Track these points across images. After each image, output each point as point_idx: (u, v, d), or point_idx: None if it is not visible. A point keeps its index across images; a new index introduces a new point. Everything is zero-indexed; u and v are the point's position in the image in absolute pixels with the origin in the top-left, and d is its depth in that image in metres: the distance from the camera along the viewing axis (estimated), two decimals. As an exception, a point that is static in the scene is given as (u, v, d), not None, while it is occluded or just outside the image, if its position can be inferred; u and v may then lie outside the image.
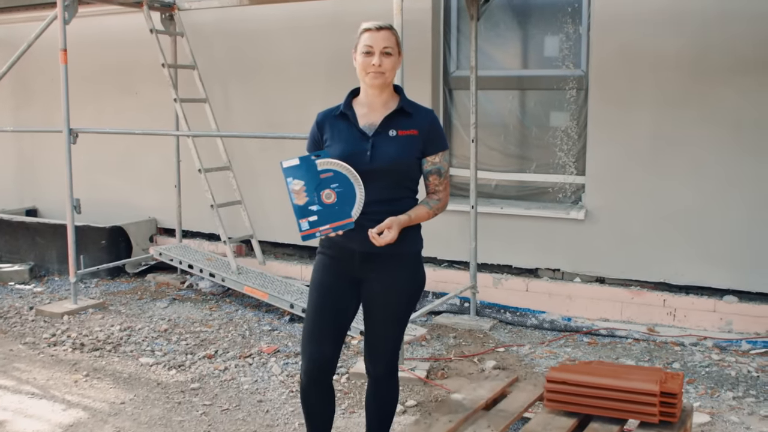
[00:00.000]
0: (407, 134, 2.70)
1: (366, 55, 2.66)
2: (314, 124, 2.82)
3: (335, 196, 2.60)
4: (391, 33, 2.70)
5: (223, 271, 5.75)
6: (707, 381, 4.12)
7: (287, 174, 2.61)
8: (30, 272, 6.68)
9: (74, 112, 7.23)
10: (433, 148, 2.74)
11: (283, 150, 6.13)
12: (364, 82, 2.73)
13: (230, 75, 6.49)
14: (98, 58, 7.12)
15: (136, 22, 6.22)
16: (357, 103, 2.78)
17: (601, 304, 5.22)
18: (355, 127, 2.71)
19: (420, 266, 2.82)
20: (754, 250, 4.86)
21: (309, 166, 2.61)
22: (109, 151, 7.17)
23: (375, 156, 2.65)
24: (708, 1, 4.78)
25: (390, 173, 2.67)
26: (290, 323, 5.26)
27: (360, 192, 2.62)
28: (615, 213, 5.21)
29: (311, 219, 2.60)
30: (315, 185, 2.60)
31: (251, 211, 6.21)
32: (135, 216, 7.05)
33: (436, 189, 2.78)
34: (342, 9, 5.82)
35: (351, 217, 2.60)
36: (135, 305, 5.72)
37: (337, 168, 2.61)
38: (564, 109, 5.45)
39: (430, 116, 2.78)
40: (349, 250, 2.71)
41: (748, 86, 4.75)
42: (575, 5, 5.31)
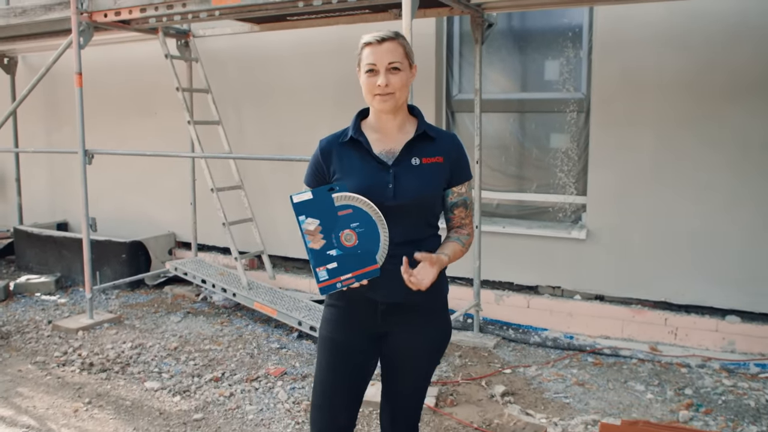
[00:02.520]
0: (432, 162, 1.90)
1: (370, 75, 1.87)
2: (316, 152, 1.99)
3: (356, 238, 1.81)
4: (397, 44, 1.87)
5: (234, 287, 4.95)
6: (726, 412, 3.32)
7: (299, 211, 1.81)
8: (56, 283, 5.87)
9: (99, 134, 6.45)
10: (459, 178, 1.95)
11: (293, 170, 5.34)
12: (371, 105, 1.93)
13: (242, 98, 5.70)
14: (123, 83, 6.33)
15: (156, 49, 5.43)
16: (366, 126, 1.97)
17: (602, 321, 4.42)
18: (371, 155, 1.90)
19: (447, 314, 2.02)
20: (757, 271, 4.06)
21: (324, 201, 1.81)
22: (132, 170, 6.37)
23: (399, 189, 1.86)
24: (711, 23, 3.99)
25: (415, 209, 1.88)
26: (298, 340, 4.46)
27: (384, 232, 1.82)
28: (616, 232, 4.42)
29: (330, 266, 1.81)
30: (332, 225, 1.80)
31: (262, 228, 5.41)
32: (155, 230, 6.24)
33: (462, 223, 1.99)
34: (348, 34, 5.01)
35: (376, 262, 1.81)
36: (150, 319, 4.90)
37: (357, 204, 1.81)
38: (564, 131, 4.65)
39: (455, 141, 1.97)
40: (370, 301, 1.91)
41: (750, 107, 3.96)
42: (576, 30, 4.52)
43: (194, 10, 4.15)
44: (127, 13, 4.37)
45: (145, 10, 4.29)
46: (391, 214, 1.82)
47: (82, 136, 4.62)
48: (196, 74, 5.56)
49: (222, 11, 4.21)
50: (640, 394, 3.58)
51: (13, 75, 6.90)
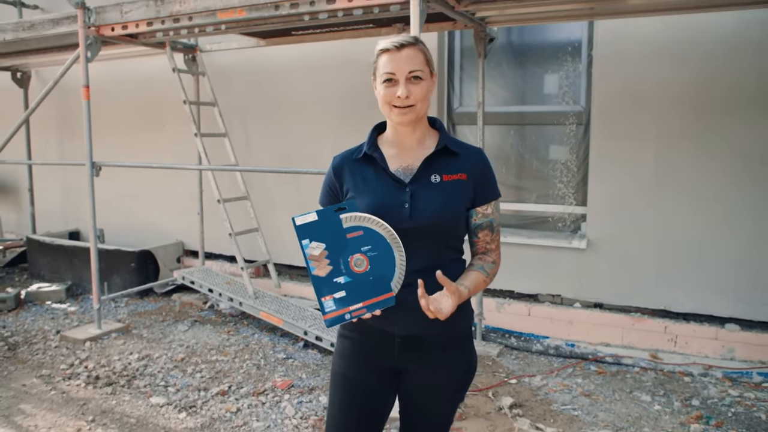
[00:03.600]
0: (454, 179, 1.57)
1: (388, 85, 1.54)
2: (329, 170, 1.67)
3: (368, 263, 1.48)
4: (417, 50, 1.55)
5: (240, 296, 4.61)
6: (737, 425, 3.02)
7: (302, 234, 1.48)
8: (67, 291, 5.51)
9: (110, 146, 6.11)
10: (484, 197, 1.61)
11: (299, 181, 5.03)
12: (389, 119, 1.59)
13: (248, 111, 5.37)
14: (132, 96, 5.99)
15: (164, 63, 5.10)
16: (383, 141, 1.65)
17: (602, 329, 4.12)
18: (386, 172, 1.58)
19: (472, 347, 1.68)
20: (755, 279, 3.78)
21: (331, 222, 1.48)
22: (141, 180, 6.03)
23: (416, 209, 1.53)
24: (710, 37, 3.71)
25: (434, 231, 1.55)
26: (304, 349, 4.13)
27: (400, 255, 1.49)
28: (616, 242, 4.12)
29: (338, 296, 1.47)
30: (340, 249, 1.48)
31: (268, 237, 5.09)
32: (163, 239, 5.90)
33: (488, 248, 1.65)
34: (351, 48, 4.72)
35: (391, 290, 1.48)
36: (157, 328, 4.56)
37: (369, 225, 1.48)
38: (564, 143, 4.35)
39: (481, 156, 1.64)
40: (386, 333, 1.58)
41: (749, 120, 3.68)
42: (575, 44, 4.23)
43: (200, 23, 3.83)
44: (134, 27, 4.04)
45: (152, 24, 3.96)
46: (407, 237, 1.50)
47: (90, 149, 4.29)
48: (203, 88, 5.23)
49: (228, 25, 3.89)
50: (647, 405, 3.28)
51: (26, 89, 6.55)
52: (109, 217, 6.24)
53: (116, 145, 6.11)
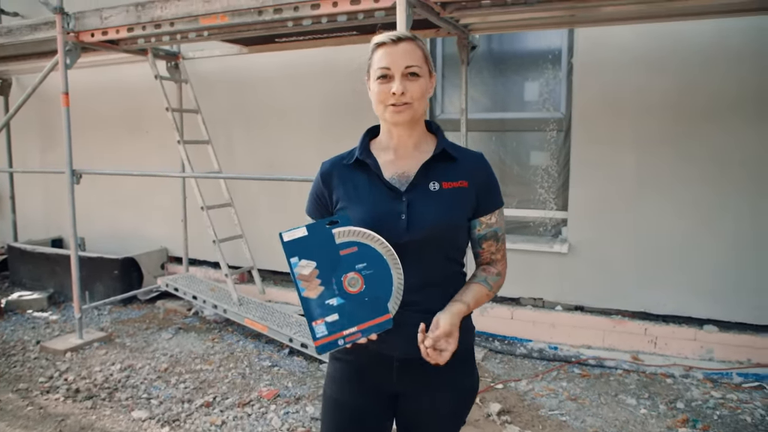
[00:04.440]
0: (455, 187, 1.37)
1: (382, 81, 1.35)
2: (317, 177, 1.46)
3: (363, 282, 1.27)
4: (415, 45, 1.35)
5: (225, 303, 4.36)
6: (723, 428, 2.88)
7: (291, 252, 1.26)
8: (48, 300, 5.19)
9: (92, 153, 5.80)
10: (488, 205, 1.41)
11: (283, 187, 4.78)
12: (384, 119, 1.38)
13: (231, 119, 5.11)
14: (115, 103, 5.68)
15: (147, 70, 4.83)
16: (376, 146, 1.44)
17: (584, 332, 3.97)
18: (380, 179, 1.37)
19: (474, 365, 1.47)
20: (733, 282, 3.66)
21: (322, 238, 1.26)
22: (124, 187, 5.72)
23: (414, 220, 1.32)
24: (688, 45, 3.59)
25: (434, 243, 1.34)
26: (289, 356, 3.89)
27: (398, 274, 1.28)
28: (597, 246, 3.97)
29: (330, 319, 1.26)
30: (333, 267, 1.26)
31: (252, 243, 4.83)
32: (147, 246, 5.60)
33: (492, 258, 1.45)
34: (334, 56, 4.51)
35: (388, 312, 1.27)
36: (141, 336, 4.28)
37: (364, 240, 1.27)
38: (544, 149, 4.20)
39: (482, 162, 1.44)
40: (383, 356, 1.37)
41: (728, 126, 3.56)
42: (555, 52, 4.08)
43: (182, 29, 3.58)
44: (115, 33, 3.77)
45: (133, 30, 3.70)
46: (405, 252, 1.30)
47: (69, 156, 4.00)
48: (186, 95, 4.96)
49: (210, 31, 3.64)
50: (633, 409, 3.12)
51: (6, 96, 6.18)
52: (92, 224, 5.92)
53: (99, 152, 5.80)
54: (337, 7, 3.09)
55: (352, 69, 4.47)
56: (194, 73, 5.05)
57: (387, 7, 3.05)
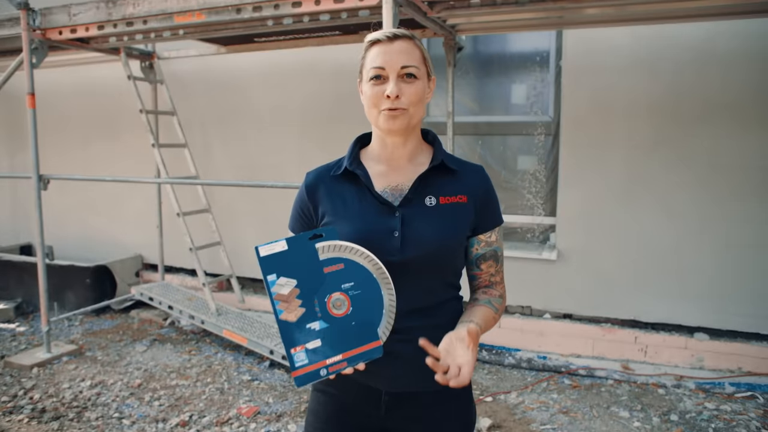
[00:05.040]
0: (453, 202, 1.24)
1: (376, 83, 1.21)
2: (301, 189, 1.31)
3: (349, 304, 1.13)
4: (413, 44, 1.22)
5: (202, 313, 4.18)
6: (720, 443, 2.81)
7: (268, 268, 1.11)
8: (16, 310, 4.94)
9: (63, 156, 5.58)
10: (488, 222, 1.29)
11: (262, 192, 4.61)
12: (377, 125, 1.23)
13: (209, 121, 4.93)
14: (88, 105, 5.45)
15: (121, 70, 4.63)
16: (367, 156, 1.30)
17: (573, 340, 3.88)
18: (371, 193, 1.23)
19: (471, 398, 1.33)
20: (723, 289, 3.60)
21: (304, 253, 1.12)
22: (97, 191, 5.49)
23: (408, 238, 1.18)
24: (679, 48, 3.52)
25: (430, 264, 1.21)
26: (270, 369, 3.73)
27: (390, 295, 1.14)
28: (586, 252, 3.89)
29: (311, 346, 1.11)
30: (315, 286, 1.12)
31: (230, 250, 4.66)
32: (121, 253, 5.38)
33: (492, 281, 1.32)
34: (316, 56, 4.36)
35: (378, 338, 1.13)
36: (113, 349, 4.08)
37: (351, 256, 1.13)
38: (532, 153, 4.10)
39: (483, 175, 1.31)
40: (371, 390, 1.23)
41: (718, 130, 3.50)
42: (543, 54, 3.98)
43: (156, 27, 3.40)
44: (84, 31, 3.57)
45: (103, 28, 3.50)
46: (397, 273, 1.17)
47: (36, 161, 3.78)
48: (161, 96, 4.77)
49: (186, 29, 3.47)
50: (626, 422, 3.02)
51: (-28, 97, 5.91)
52: (63, 230, 5.67)
53: (70, 155, 5.57)
54: (319, 5, 2.95)
55: (335, 70, 4.33)
56: (170, 74, 4.85)
57: (372, 6, 2.92)
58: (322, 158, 4.59)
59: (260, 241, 5.01)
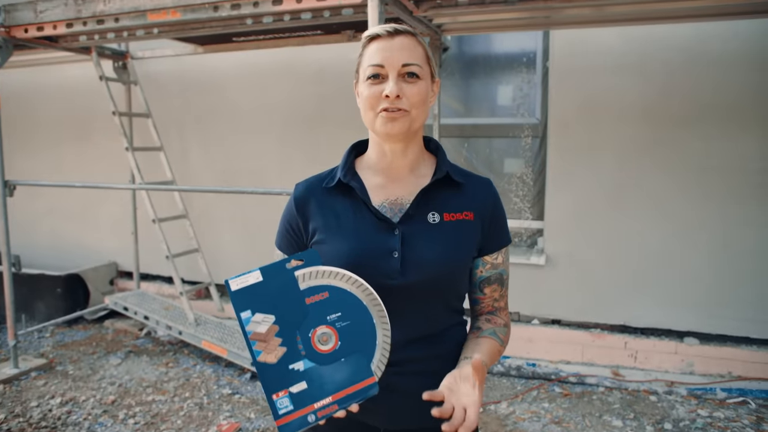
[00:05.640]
0: (458, 219, 1.11)
1: (374, 82, 1.09)
2: (290, 202, 1.17)
3: (337, 338, 0.99)
4: (415, 41, 1.09)
5: (180, 323, 4.01)
6: (716, 452, 2.75)
7: (241, 304, 0.98)
8: (-18, 321, 4.72)
9: (32, 160, 5.35)
10: (495, 242, 1.17)
11: (242, 197, 4.46)
12: (374, 129, 1.10)
13: (186, 123, 4.75)
14: (59, 106, 5.23)
15: (92, 70, 4.43)
16: (363, 166, 1.17)
17: (562, 346, 3.81)
18: (368, 207, 1.10)
19: None
20: (713, 293, 3.56)
21: (282, 283, 0.99)
22: (68, 196, 5.28)
23: (409, 259, 1.06)
24: (667, 49, 3.46)
25: (432, 288, 1.08)
26: (251, 381, 3.58)
27: (383, 324, 1.00)
28: (574, 257, 3.82)
29: (296, 389, 0.97)
30: (297, 320, 0.98)
31: (209, 256, 4.50)
32: (94, 260, 5.18)
33: (495, 306, 1.20)
34: (297, 57, 4.22)
35: (372, 374, 0.99)
36: (86, 363, 3.89)
37: (335, 282, 1.00)
38: (519, 156, 4.02)
39: (491, 190, 1.19)
40: (368, 428, 1.11)
41: (707, 132, 3.46)
42: (530, 55, 3.91)
43: (129, 25, 3.23)
44: (52, 29, 3.39)
45: (72, 26, 3.33)
46: (396, 298, 1.05)
47: (1, 166, 3.58)
48: (135, 98, 4.58)
49: (160, 28, 3.31)
50: (619, 431, 2.96)
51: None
52: (32, 237, 5.44)
53: (39, 159, 5.34)
54: (301, 3, 2.82)
55: (317, 71, 4.20)
56: (144, 74, 4.67)
57: (356, 4, 2.80)
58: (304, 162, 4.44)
59: (239, 247, 4.83)
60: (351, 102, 4.07)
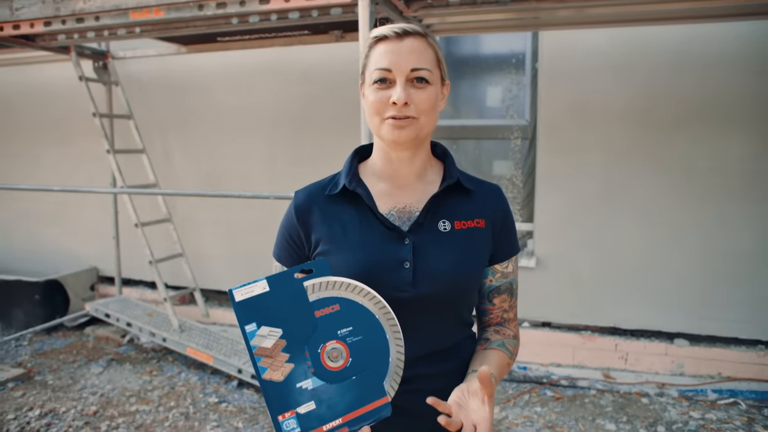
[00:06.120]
0: (470, 227, 1.06)
1: (380, 86, 1.03)
2: (289, 211, 1.10)
3: (348, 355, 0.92)
4: (425, 43, 1.03)
5: (164, 330, 3.91)
6: (710, 455, 2.74)
7: (246, 316, 0.91)
8: (-43, 330, 4.56)
9: (8, 162, 5.20)
10: (505, 251, 1.12)
11: (227, 200, 4.37)
12: (380, 136, 1.04)
13: (169, 125, 4.64)
14: (37, 107, 5.08)
15: (72, 70, 4.31)
16: (367, 172, 1.11)
17: (553, 349, 3.78)
18: (375, 216, 1.04)
19: None
20: (702, 294, 3.56)
21: (290, 295, 0.92)
22: (47, 200, 5.13)
23: (421, 270, 1.01)
24: (654, 52, 3.46)
25: (445, 301, 1.03)
26: (238, 389, 3.50)
27: (397, 340, 0.94)
28: (565, 259, 3.79)
29: (304, 410, 0.90)
30: (306, 335, 0.91)
31: (193, 260, 4.40)
32: (74, 266, 5.04)
33: (505, 317, 1.15)
34: (283, 57, 4.15)
35: (385, 394, 0.93)
36: (66, 372, 3.77)
37: (347, 294, 0.93)
38: (509, 158, 4.00)
39: (501, 197, 1.14)
40: None
41: (695, 134, 3.46)
42: (519, 56, 3.88)
43: (110, 24, 3.13)
44: (29, 27, 3.27)
45: (51, 24, 3.22)
46: (408, 311, 1.00)
47: (-24, 169, 3.45)
48: (116, 99, 4.47)
49: (143, 27, 3.22)
50: (613, 436, 2.93)
51: None
52: (9, 242, 5.29)
53: (17, 162, 5.18)
54: (289, 2, 2.75)
55: (304, 72, 4.13)
56: (125, 75, 4.56)
57: (345, 4, 2.74)
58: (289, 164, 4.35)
59: (225, 251, 4.71)
60: (338, 104, 4.00)
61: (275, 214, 4.18)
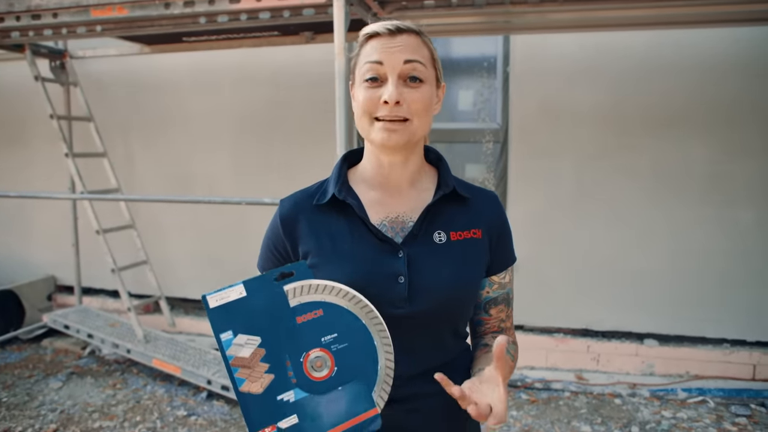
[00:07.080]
0: (466, 238, 1.01)
1: (371, 85, 0.96)
2: (274, 221, 1.03)
3: (333, 363, 0.86)
4: (419, 40, 0.98)
5: (128, 340, 3.74)
6: (684, 455, 2.77)
7: (221, 323, 0.83)
8: None
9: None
10: (502, 261, 1.07)
11: (193, 204, 4.23)
12: (369, 139, 0.97)
13: (131, 127, 4.47)
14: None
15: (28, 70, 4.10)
16: (357, 179, 1.05)
17: (526, 352, 3.78)
18: (366, 227, 0.97)
19: None
20: (669, 294, 3.63)
21: (269, 299, 0.84)
22: (1, 205, 4.87)
23: (417, 285, 0.94)
24: (622, 57, 3.51)
25: (442, 316, 0.97)
26: (208, 401, 3.38)
27: (385, 344, 0.88)
28: (536, 263, 3.81)
29: (285, 424, 0.83)
30: (286, 343, 0.84)
31: (159, 267, 4.24)
32: (30, 274, 4.80)
33: (502, 326, 1.11)
34: (251, 58, 4.04)
35: (374, 405, 0.86)
36: (22, 388, 3.56)
37: (331, 298, 0.87)
38: (480, 162, 3.99)
39: (497, 205, 1.10)
40: None
41: (663, 138, 3.52)
42: (490, 60, 3.88)
43: (69, 22, 2.98)
44: (-20, 24, 3.09)
45: (3, 20, 3.04)
46: (404, 328, 0.94)
47: None
48: (75, 100, 4.27)
49: (104, 25, 3.07)
50: (588, 438, 2.94)
51: None
52: (-41, 250, 5.00)
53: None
54: (260, 2, 2.67)
55: (272, 74, 4.03)
56: (85, 75, 4.37)
57: (318, 5, 2.68)
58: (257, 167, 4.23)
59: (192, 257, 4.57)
60: (308, 107, 3.92)
61: (244, 219, 4.08)
